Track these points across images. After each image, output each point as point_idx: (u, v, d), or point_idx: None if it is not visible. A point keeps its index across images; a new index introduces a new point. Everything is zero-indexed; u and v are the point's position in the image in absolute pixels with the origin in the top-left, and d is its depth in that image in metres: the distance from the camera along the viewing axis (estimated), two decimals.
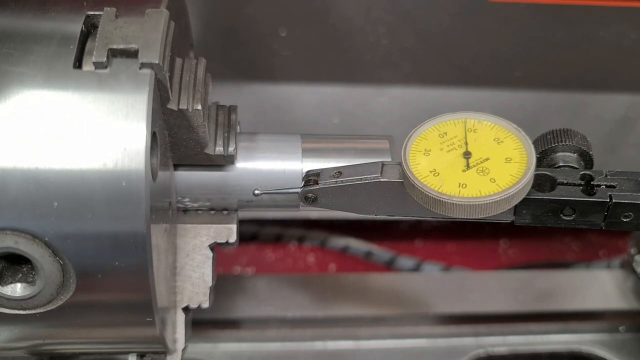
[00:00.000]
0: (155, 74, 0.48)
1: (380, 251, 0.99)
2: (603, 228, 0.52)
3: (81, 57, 0.49)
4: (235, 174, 0.59)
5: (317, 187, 0.54)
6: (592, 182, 0.52)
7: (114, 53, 0.48)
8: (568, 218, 0.52)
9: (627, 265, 0.87)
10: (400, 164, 0.52)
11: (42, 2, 0.52)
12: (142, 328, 0.53)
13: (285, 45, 0.91)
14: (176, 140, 0.55)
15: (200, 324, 0.77)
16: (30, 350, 0.56)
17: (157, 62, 0.48)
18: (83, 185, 0.46)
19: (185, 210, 0.61)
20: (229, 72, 0.68)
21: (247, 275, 0.96)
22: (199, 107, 0.52)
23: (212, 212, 0.62)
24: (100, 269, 0.48)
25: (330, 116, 0.97)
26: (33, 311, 0.50)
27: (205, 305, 0.60)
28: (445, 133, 0.53)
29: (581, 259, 1.00)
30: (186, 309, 0.60)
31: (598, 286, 0.86)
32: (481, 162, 0.51)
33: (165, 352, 0.57)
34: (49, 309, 0.50)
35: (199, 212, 0.61)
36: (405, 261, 0.97)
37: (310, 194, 0.54)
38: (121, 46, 0.48)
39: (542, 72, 0.95)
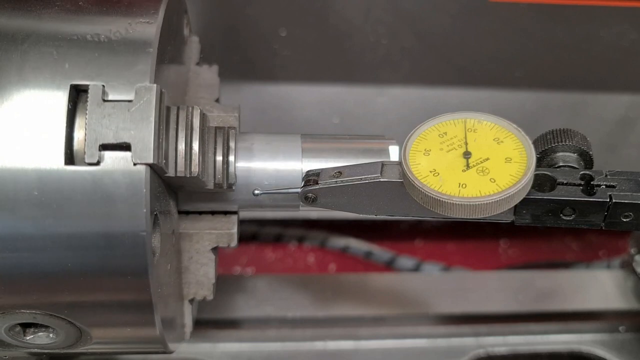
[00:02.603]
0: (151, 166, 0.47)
1: (380, 251, 0.99)
2: (603, 228, 0.52)
3: (71, 148, 0.47)
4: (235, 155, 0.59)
5: (317, 187, 0.54)
6: (592, 182, 0.52)
7: (105, 147, 0.46)
8: (568, 218, 0.52)
9: (627, 265, 0.87)
10: (400, 164, 0.52)
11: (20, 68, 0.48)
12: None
13: (285, 45, 0.91)
14: (174, 183, 0.55)
15: (200, 324, 0.77)
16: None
17: (151, 162, 0.46)
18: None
19: (187, 213, 0.61)
20: (229, 72, 0.68)
21: (247, 275, 0.96)
22: (197, 172, 0.52)
23: (212, 214, 0.62)
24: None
25: (330, 116, 0.97)
26: (58, 351, 0.55)
27: (210, 297, 0.62)
28: (445, 133, 0.53)
29: (581, 259, 1.00)
30: (191, 300, 0.63)
31: (598, 286, 0.86)
32: (481, 162, 0.51)
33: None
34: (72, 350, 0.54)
35: (200, 214, 0.62)
36: (405, 261, 0.97)
37: (310, 194, 0.54)
38: (112, 142, 0.46)
39: (542, 72, 0.95)
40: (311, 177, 0.55)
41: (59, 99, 0.47)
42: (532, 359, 0.81)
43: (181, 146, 0.51)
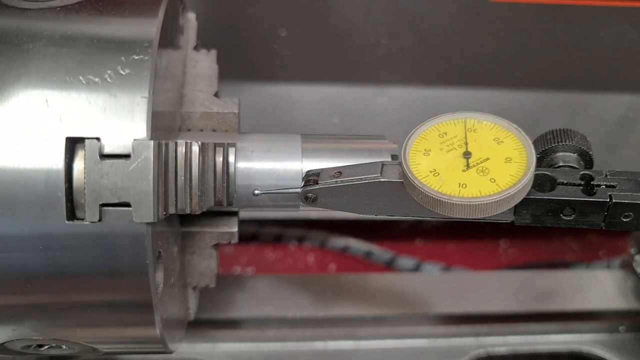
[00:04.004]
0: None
1: (380, 251, 0.99)
2: (603, 228, 0.52)
3: (72, 205, 0.47)
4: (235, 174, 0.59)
5: (317, 187, 0.54)
6: (592, 182, 0.52)
7: (105, 204, 0.47)
8: (568, 218, 0.52)
9: (627, 265, 0.87)
10: (400, 164, 0.52)
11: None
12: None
13: (285, 45, 0.91)
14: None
15: (200, 324, 0.77)
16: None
17: (151, 220, 0.47)
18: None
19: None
20: (229, 72, 0.68)
21: (247, 275, 0.96)
22: (197, 209, 0.53)
23: (214, 214, 0.62)
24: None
25: (330, 116, 0.97)
26: None
27: (212, 285, 0.64)
28: (445, 133, 0.53)
29: (581, 259, 1.00)
30: (194, 287, 0.66)
31: (598, 286, 0.86)
32: (481, 162, 0.51)
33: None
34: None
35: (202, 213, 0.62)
36: (405, 261, 0.97)
37: (310, 194, 0.54)
38: (113, 201, 0.46)
39: (542, 72, 0.95)
40: (311, 177, 0.55)
41: (56, 154, 0.46)
42: (532, 359, 0.81)
43: (181, 185, 0.52)
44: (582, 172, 0.52)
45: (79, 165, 0.47)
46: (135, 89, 0.47)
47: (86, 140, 0.46)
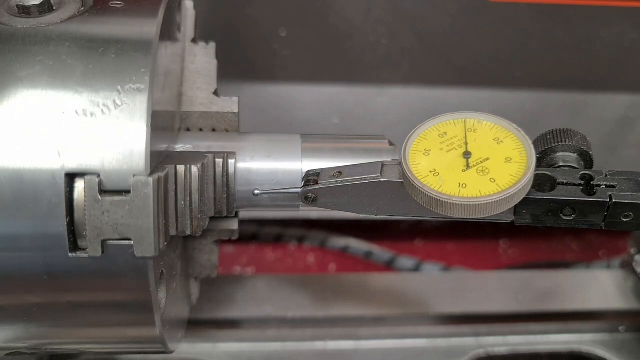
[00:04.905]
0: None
1: (380, 251, 0.99)
2: (603, 228, 0.52)
3: (74, 237, 0.47)
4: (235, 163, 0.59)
5: (317, 187, 0.54)
6: (592, 182, 0.52)
7: (107, 239, 0.47)
8: (568, 218, 0.52)
9: (627, 265, 0.87)
10: (400, 164, 0.52)
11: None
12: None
13: (285, 45, 0.91)
14: None
15: (200, 324, 0.77)
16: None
17: (152, 255, 0.47)
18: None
19: None
20: (229, 72, 0.68)
21: (247, 275, 0.96)
22: (198, 231, 0.54)
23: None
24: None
25: (330, 116, 0.97)
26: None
27: (214, 276, 0.66)
28: (445, 133, 0.53)
29: (581, 259, 1.00)
30: (196, 277, 0.67)
31: (598, 286, 0.86)
32: (481, 162, 0.51)
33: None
34: None
35: None
36: (405, 261, 0.97)
37: (310, 194, 0.54)
38: (114, 237, 0.46)
39: (542, 72, 0.95)
40: (311, 177, 0.55)
41: (56, 189, 0.46)
42: (532, 359, 0.81)
43: (181, 210, 0.52)
44: (582, 172, 0.52)
45: (79, 199, 0.46)
46: (133, 121, 0.46)
47: (85, 177, 0.46)
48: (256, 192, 0.57)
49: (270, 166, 0.59)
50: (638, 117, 0.98)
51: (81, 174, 0.46)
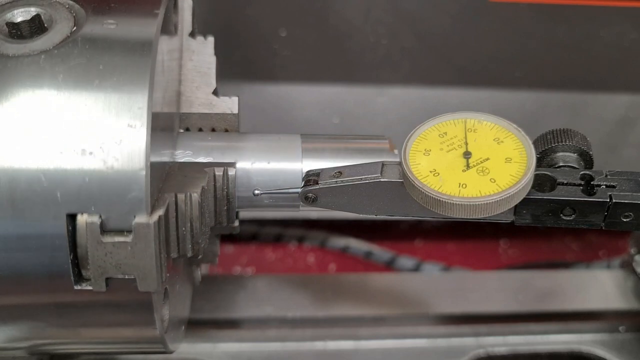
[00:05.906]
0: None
1: (380, 251, 0.99)
2: (603, 228, 0.52)
3: (79, 270, 0.48)
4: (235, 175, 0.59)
5: (317, 187, 0.54)
6: (592, 182, 0.52)
7: (110, 277, 0.48)
8: (568, 218, 0.52)
9: (627, 265, 0.87)
10: (400, 164, 0.52)
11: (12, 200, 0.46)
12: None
13: (285, 45, 0.91)
14: None
15: (200, 324, 0.77)
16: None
17: (155, 290, 0.48)
18: None
19: None
20: (229, 72, 0.68)
21: (247, 275, 0.96)
22: (200, 253, 0.55)
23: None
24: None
25: (330, 116, 0.97)
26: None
27: (215, 263, 0.67)
28: (445, 133, 0.53)
29: (581, 259, 1.00)
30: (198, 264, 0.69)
31: (598, 286, 0.86)
32: (481, 162, 0.51)
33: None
34: None
35: None
36: (405, 261, 0.97)
37: (310, 194, 0.54)
38: (117, 276, 0.47)
39: (542, 72, 0.95)
40: (311, 177, 0.55)
41: (58, 229, 0.46)
42: (532, 359, 0.81)
43: (182, 235, 0.52)
44: (582, 172, 0.52)
45: (81, 236, 0.47)
46: (131, 160, 0.46)
47: (87, 220, 0.46)
48: (256, 192, 0.57)
49: (270, 166, 0.59)
50: (638, 117, 0.98)
51: (82, 213, 0.46)
